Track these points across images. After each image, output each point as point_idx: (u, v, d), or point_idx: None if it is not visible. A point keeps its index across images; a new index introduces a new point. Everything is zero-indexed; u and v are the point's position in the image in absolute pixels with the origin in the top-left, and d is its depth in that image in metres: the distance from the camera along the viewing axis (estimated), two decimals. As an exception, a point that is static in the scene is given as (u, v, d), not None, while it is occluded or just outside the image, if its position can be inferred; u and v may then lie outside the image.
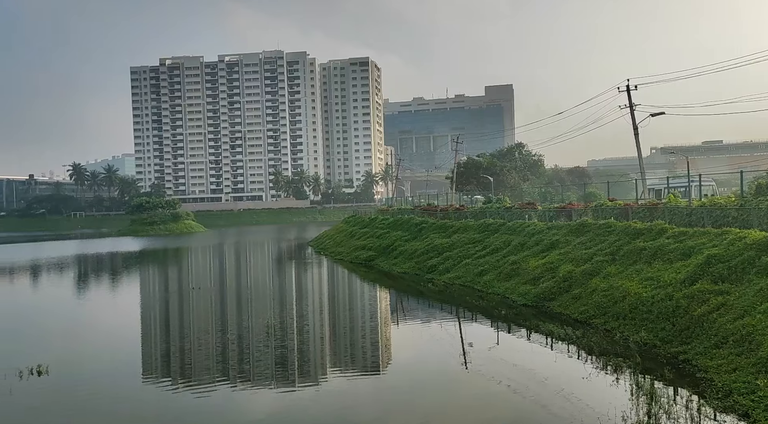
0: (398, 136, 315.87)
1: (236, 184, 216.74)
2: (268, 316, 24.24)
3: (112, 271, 48.58)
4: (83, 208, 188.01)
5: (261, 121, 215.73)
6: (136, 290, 37.03)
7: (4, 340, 22.24)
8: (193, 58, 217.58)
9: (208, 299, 31.02)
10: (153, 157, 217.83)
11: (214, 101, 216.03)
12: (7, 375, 15.76)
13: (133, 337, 22.86)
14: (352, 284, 37.64)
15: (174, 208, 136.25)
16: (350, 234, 57.53)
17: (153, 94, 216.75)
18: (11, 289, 38.89)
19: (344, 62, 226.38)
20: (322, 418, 13.03)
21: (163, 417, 13.43)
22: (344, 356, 18.72)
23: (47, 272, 48.04)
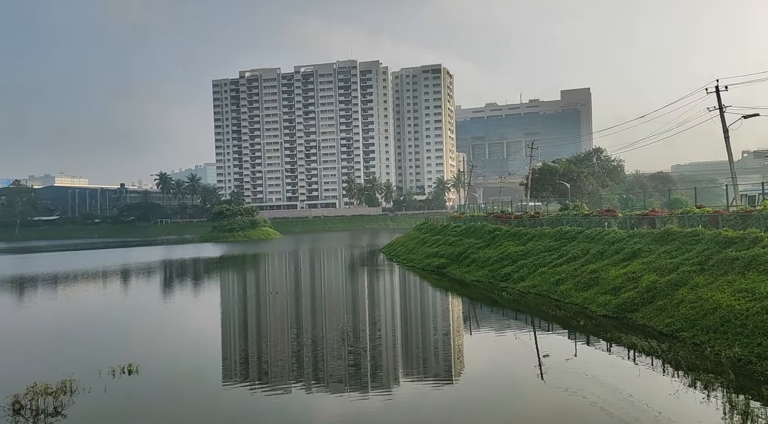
0: (470, 143, 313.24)
1: (311, 191, 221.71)
2: (342, 321, 24.48)
3: (194, 276, 50.71)
4: (169, 215, 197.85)
5: (335, 130, 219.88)
6: (216, 295, 38.45)
7: (100, 340, 23.65)
8: (270, 70, 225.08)
9: (284, 304, 31.75)
10: (233, 166, 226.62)
11: (290, 111, 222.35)
12: (101, 373, 16.69)
13: (214, 339, 23.71)
14: (424, 291, 37.46)
15: (252, 216, 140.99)
16: (422, 241, 57.36)
17: (233, 106, 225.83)
18: (104, 292, 41.38)
19: (416, 70, 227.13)
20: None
21: (241, 419, 13.78)
22: (416, 364, 18.59)
23: (136, 276, 50.83)
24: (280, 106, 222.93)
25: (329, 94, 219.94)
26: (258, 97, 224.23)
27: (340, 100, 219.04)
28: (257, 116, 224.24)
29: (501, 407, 14.07)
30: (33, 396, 13.97)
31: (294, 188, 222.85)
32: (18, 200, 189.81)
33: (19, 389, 14.26)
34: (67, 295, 39.31)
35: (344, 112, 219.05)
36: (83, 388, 15.19)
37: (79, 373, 16.05)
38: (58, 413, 13.57)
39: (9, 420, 13.14)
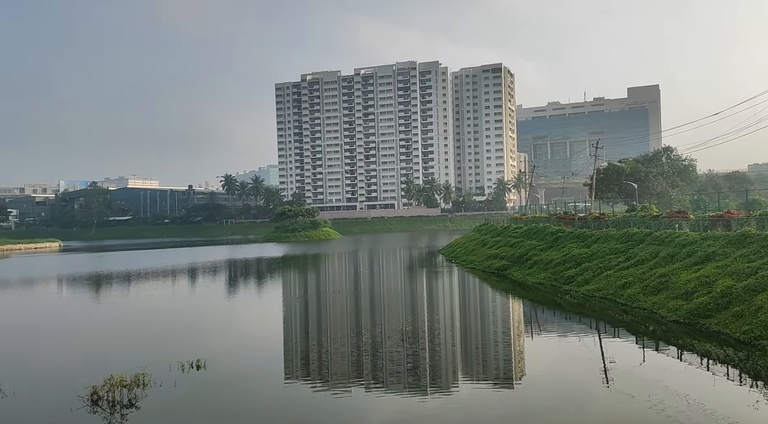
0: (532, 143, 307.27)
1: (370, 192, 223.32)
2: (401, 322, 24.52)
3: (257, 275, 52.06)
4: (233, 216, 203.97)
5: (394, 131, 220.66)
6: (278, 293, 39.33)
7: (170, 335, 24.67)
8: (331, 73, 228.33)
9: (344, 303, 32.13)
10: (294, 168, 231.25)
11: (350, 113, 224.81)
12: (171, 368, 17.40)
13: (276, 337, 24.26)
14: (483, 293, 37.02)
15: (313, 216, 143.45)
16: (482, 242, 56.71)
17: (295, 109, 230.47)
18: (173, 290, 43.10)
19: (476, 70, 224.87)
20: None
21: (303, 415, 14.03)
22: (476, 366, 18.39)
23: (203, 274, 52.69)
24: (341, 108, 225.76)
25: (388, 96, 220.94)
26: (319, 100, 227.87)
27: (399, 102, 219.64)
28: (318, 118, 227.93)
29: (563, 414, 13.71)
30: (110, 388, 14.71)
31: (353, 189, 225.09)
32: (95, 201, 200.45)
33: (96, 381, 15.04)
34: (139, 292, 41.19)
35: (403, 113, 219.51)
36: (155, 381, 15.87)
37: (150, 367, 16.78)
38: (132, 405, 14.24)
39: (88, 410, 13.89)
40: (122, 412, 13.81)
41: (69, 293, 41.69)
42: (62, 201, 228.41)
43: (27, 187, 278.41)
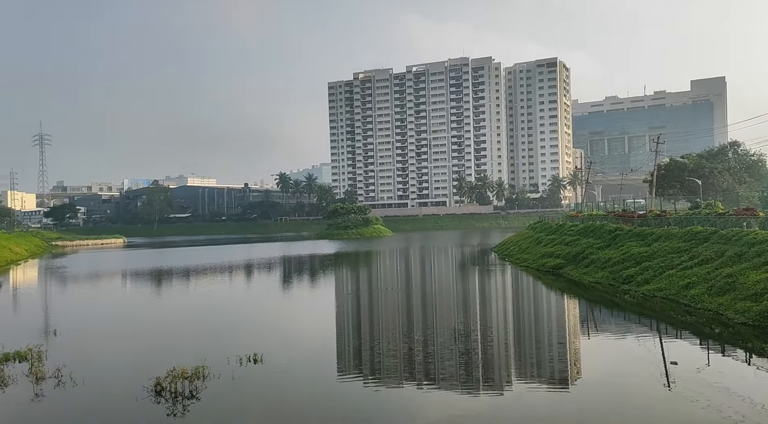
0: (588, 138, 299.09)
1: (421, 190, 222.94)
2: (453, 320, 24.41)
3: (311, 271, 52.88)
4: (287, 213, 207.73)
5: (445, 128, 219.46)
6: (331, 290, 39.85)
7: (228, 330, 25.40)
8: (382, 71, 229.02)
9: (395, 300, 32.25)
10: (346, 166, 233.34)
11: (402, 111, 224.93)
12: (229, 361, 17.92)
13: (329, 332, 24.62)
14: (538, 292, 36.40)
15: (365, 214, 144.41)
16: (536, 240, 55.71)
17: (347, 107, 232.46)
18: (230, 285, 44.32)
19: (530, 64, 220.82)
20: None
21: (355, 410, 14.20)
22: (529, 366, 18.11)
23: (258, 270, 53.94)
24: (392, 105, 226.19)
25: (440, 93, 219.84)
26: (371, 98, 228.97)
27: (451, 98, 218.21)
28: (370, 116, 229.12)
29: (621, 417, 13.33)
30: (172, 379, 15.28)
31: (405, 187, 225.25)
32: (156, 199, 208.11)
33: (159, 372, 15.66)
34: (198, 287, 42.57)
35: (455, 109, 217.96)
36: (214, 374, 16.38)
37: (210, 360, 17.32)
38: (193, 397, 14.75)
39: (152, 400, 14.49)
40: (184, 403, 14.32)
41: (133, 288, 43.52)
42: (126, 199, 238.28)
43: (94, 185, 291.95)
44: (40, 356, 18.69)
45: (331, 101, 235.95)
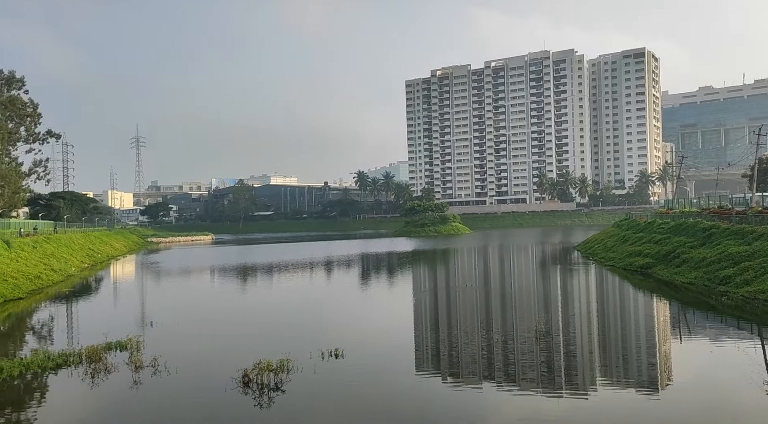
0: (679, 131, 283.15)
1: (500, 187, 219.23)
2: (534, 319, 23.88)
3: (389, 268, 53.32)
4: (366, 211, 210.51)
5: (525, 124, 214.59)
6: (409, 287, 40.02)
7: (309, 324, 26.13)
8: (460, 67, 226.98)
9: (474, 298, 31.94)
10: (423, 164, 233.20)
11: (480, 107, 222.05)
12: (312, 355, 18.43)
13: (408, 328, 24.76)
14: (624, 292, 34.91)
15: (442, 211, 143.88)
16: (622, 238, 53.42)
17: (425, 105, 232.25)
18: (311, 281, 45.51)
19: (615, 56, 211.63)
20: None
21: (433, 407, 14.22)
22: (615, 369, 17.41)
23: (338, 267, 55.03)
24: (470, 102, 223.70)
25: (520, 88, 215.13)
26: (448, 95, 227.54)
27: (531, 93, 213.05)
28: (447, 114, 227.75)
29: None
30: (258, 372, 15.92)
31: (483, 184, 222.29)
32: (241, 197, 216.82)
33: (246, 364, 16.35)
34: (281, 282, 44.02)
35: (536, 104, 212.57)
36: (297, 367, 16.90)
37: (293, 353, 17.87)
38: (278, 389, 15.29)
39: (239, 391, 15.16)
40: (269, 394, 14.88)
41: (221, 283, 45.59)
42: (214, 197, 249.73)
43: (185, 185, 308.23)
44: (139, 346, 20.01)
45: (409, 99, 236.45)
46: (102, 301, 37.72)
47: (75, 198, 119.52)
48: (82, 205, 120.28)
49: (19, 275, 39.74)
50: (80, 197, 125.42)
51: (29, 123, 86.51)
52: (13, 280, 37.79)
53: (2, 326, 27.71)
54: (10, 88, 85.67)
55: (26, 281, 39.74)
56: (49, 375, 17.38)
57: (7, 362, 18.21)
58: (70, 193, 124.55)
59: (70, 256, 58.95)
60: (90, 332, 23.59)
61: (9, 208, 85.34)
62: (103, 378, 16.82)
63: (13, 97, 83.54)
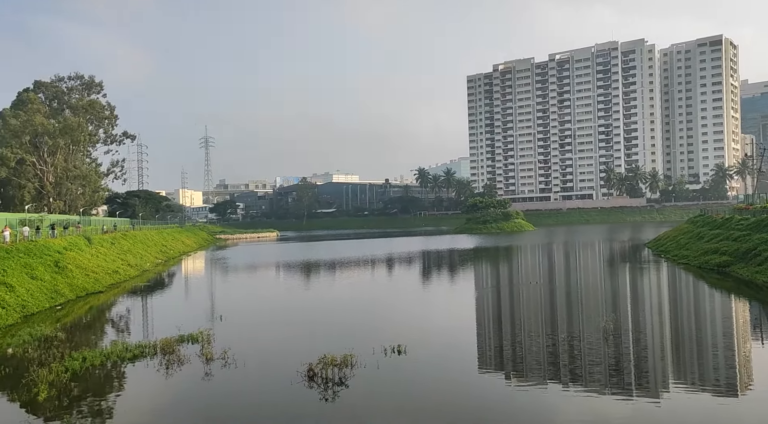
0: (761, 122, 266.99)
1: (565, 182, 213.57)
2: (601, 319, 23.18)
3: (450, 265, 53.02)
4: (426, 208, 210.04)
5: (592, 118, 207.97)
6: (471, 284, 39.67)
7: (372, 321, 26.41)
8: (523, 61, 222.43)
9: (538, 296, 31.31)
10: (485, 159, 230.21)
11: (544, 101, 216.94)
12: (375, 351, 18.63)
13: (470, 326, 24.55)
14: (699, 291, 33.30)
15: (504, 208, 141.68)
16: (697, 236, 50.96)
17: (486, 100, 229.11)
18: (373, 277, 45.87)
19: (689, 44, 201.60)
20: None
21: (497, 406, 14.08)
22: (690, 371, 16.67)
23: (399, 264, 55.22)
24: (534, 96, 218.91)
25: (586, 80, 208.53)
26: (511, 90, 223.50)
27: (598, 86, 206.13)
28: (510, 108, 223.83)
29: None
30: (323, 366, 16.25)
31: (547, 180, 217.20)
32: (305, 195, 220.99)
33: (311, 358, 16.71)
34: (343, 279, 44.62)
35: (603, 97, 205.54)
36: (361, 363, 17.12)
37: (356, 349, 18.13)
38: (342, 383, 15.55)
39: (305, 385, 15.51)
40: (334, 389, 15.16)
41: (285, 278, 46.70)
42: (278, 195, 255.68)
43: (251, 183, 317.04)
44: (209, 339, 20.81)
45: (470, 94, 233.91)
46: (174, 295, 39.44)
47: (149, 196, 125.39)
48: (155, 204, 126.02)
49: (99, 270, 42.12)
50: (154, 196, 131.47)
51: (107, 125, 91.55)
52: (94, 274, 40.09)
53: (85, 317, 29.46)
54: (90, 92, 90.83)
55: (105, 275, 42.06)
56: (127, 365, 18.34)
57: (90, 352, 19.37)
58: (145, 192, 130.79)
59: (144, 252, 61.90)
60: (163, 325, 24.73)
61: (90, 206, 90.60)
62: (177, 369, 17.60)
63: (92, 101, 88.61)
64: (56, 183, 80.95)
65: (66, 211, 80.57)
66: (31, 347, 21.06)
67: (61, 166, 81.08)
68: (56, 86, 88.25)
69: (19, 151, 75.10)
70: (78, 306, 31.99)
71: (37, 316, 28.00)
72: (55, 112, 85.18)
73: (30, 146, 77.26)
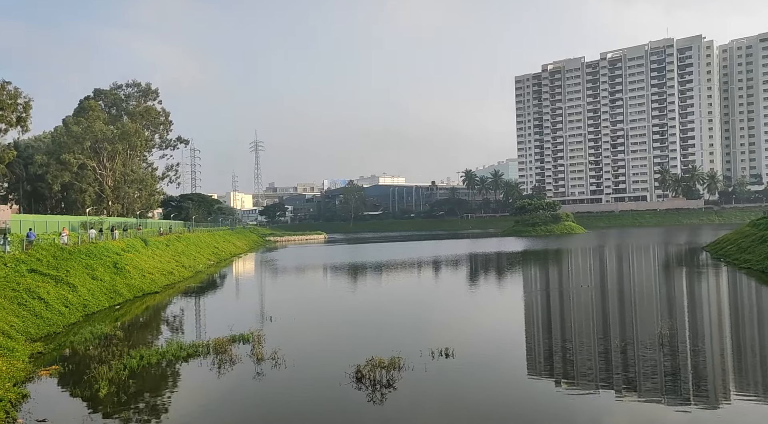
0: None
1: (617, 184, 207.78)
2: (656, 325, 22.45)
3: (498, 268, 52.39)
4: (473, 210, 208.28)
5: (645, 117, 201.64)
6: (519, 287, 39.09)
7: (419, 323, 26.38)
8: (573, 60, 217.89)
9: (588, 300, 30.58)
10: (534, 161, 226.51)
11: (595, 101, 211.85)
12: (422, 353, 18.61)
13: (518, 330, 24.17)
14: (763, 296, 31.81)
15: (554, 210, 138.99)
16: (760, 239, 48.70)
17: (535, 100, 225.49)
18: (419, 280, 45.81)
19: (751, 40, 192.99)
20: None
21: (546, 412, 13.83)
22: (752, 380, 15.96)
23: (446, 267, 54.95)
24: (584, 96, 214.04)
25: (639, 79, 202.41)
26: (560, 90, 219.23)
27: (652, 84, 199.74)
28: (559, 109, 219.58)
29: None
30: (371, 368, 16.35)
31: (598, 181, 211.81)
32: (352, 198, 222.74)
33: (359, 360, 16.83)
34: (390, 281, 44.71)
35: (657, 96, 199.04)
36: (408, 365, 17.13)
37: (403, 351, 18.15)
38: (390, 385, 15.60)
39: (353, 386, 15.64)
40: (382, 391, 15.22)
41: (333, 280, 47.16)
42: (326, 198, 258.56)
43: (299, 186, 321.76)
44: (260, 339, 21.23)
45: (518, 95, 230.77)
46: (225, 296, 40.43)
47: (202, 199, 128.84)
48: (207, 206, 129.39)
49: (155, 271, 43.59)
50: (206, 199, 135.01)
51: (162, 130, 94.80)
52: (150, 275, 41.53)
53: (141, 317, 30.55)
54: (146, 99, 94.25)
55: (161, 276, 43.49)
56: (182, 364, 18.92)
57: (147, 351, 20.07)
58: (198, 195, 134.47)
59: (197, 254, 63.68)
60: (216, 325, 25.39)
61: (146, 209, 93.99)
62: (229, 368, 18.04)
63: (148, 108, 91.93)
64: (115, 187, 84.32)
65: (124, 214, 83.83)
66: (92, 345, 21.99)
67: (120, 171, 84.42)
68: (115, 93, 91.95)
69: (81, 156, 78.62)
70: (135, 306, 33.20)
71: (97, 315, 29.21)
72: (114, 119, 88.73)
73: (90, 152, 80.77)
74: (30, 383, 17.00)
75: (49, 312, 25.93)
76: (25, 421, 13.61)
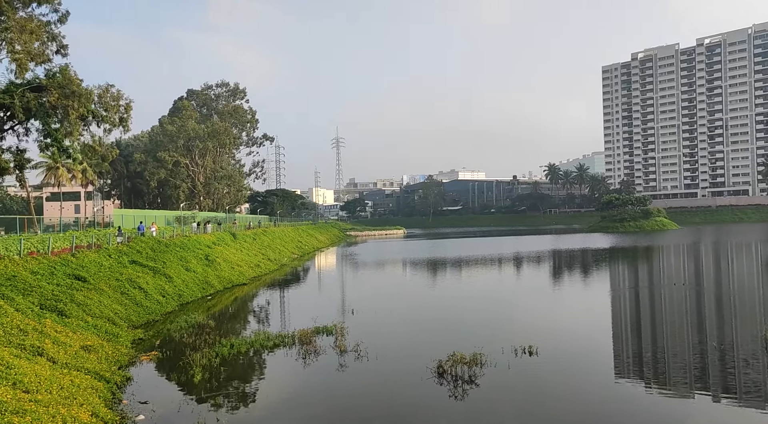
0: None
1: (714, 177, 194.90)
2: (759, 326, 20.96)
3: (583, 265, 50.63)
4: (557, 205, 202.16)
5: (748, 106, 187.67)
6: (606, 285, 37.63)
7: (500, 319, 26.05)
8: (666, 47, 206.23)
9: (682, 299, 28.97)
10: (622, 154, 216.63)
11: (690, 90, 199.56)
12: (504, 351, 18.38)
13: (605, 330, 23.29)
14: None
15: (644, 205, 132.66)
16: None
17: (623, 91, 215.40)
18: (500, 276, 45.10)
19: None
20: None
21: (636, 418, 13.28)
22: None
23: (528, 263, 53.76)
24: (678, 84, 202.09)
25: (741, 65, 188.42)
26: (652, 79, 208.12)
27: (756, 70, 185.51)
28: (650, 99, 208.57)
29: None
30: (452, 364, 16.33)
31: (693, 175, 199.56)
32: (431, 193, 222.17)
33: (440, 355, 16.85)
34: (470, 276, 44.32)
35: (762, 83, 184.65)
36: (490, 362, 16.97)
37: (485, 347, 17.99)
38: (472, 382, 15.52)
39: (434, 381, 15.70)
40: (463, 387, 15.18)
41: (413, 275, 47.35)
42: (405, 193, 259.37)
43: (378, 182, 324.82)
44: (343, 332, 21.72)
45: (605, 86, 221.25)
46: (309, 288, 41.60)
47: (286, 195, 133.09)
48: (291, 202, 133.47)
49: (243, 264, 45.55)
50: (290, 194, 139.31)
51: (249, 128, 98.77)
52: (238, 268, 43.44)
53: (231, 307, 32.04)
54: (235, 98, 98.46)
55: (248, 269, 45.38)
56: (269, 353, 19.69)
57: (237, 340, 21.05)
58: (282, 191, 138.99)
59: (282, 247, 65.88)
60: (300, 317, 26.22)
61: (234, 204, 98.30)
62: (313, 359, 18.59)
63: (236, 107, 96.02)
64: (206, 183, 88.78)
65: (214, 208, 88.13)
66: (186, 333, 23.33)
67: (210, 167, 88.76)
68: (206, 94, 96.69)
69: (175, 154, 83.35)
70: (225, 297, 34.86)
71: (191, 305, 30.93)
72: (205, 118, 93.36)
73: (183, 149, 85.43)
74: (132, 367, 18.28)
75: (148, 301, 27.73)
76: (130, 402, 14.65)
